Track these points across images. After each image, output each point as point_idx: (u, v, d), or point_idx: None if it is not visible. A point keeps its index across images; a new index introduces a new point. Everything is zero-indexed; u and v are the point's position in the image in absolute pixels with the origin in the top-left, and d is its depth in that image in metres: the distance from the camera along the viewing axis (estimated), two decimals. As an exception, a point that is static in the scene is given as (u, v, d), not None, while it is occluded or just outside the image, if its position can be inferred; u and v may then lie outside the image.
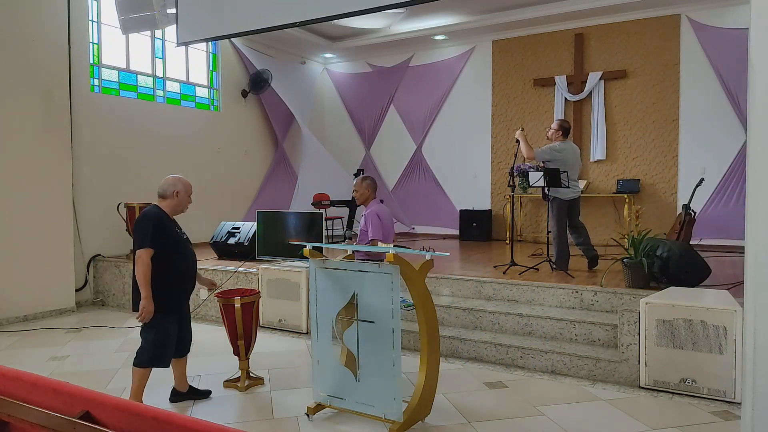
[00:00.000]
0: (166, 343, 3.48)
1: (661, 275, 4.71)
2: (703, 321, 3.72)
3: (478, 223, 9.10)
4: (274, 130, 9.73)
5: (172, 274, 3.46)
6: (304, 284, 5.34)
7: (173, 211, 3.56)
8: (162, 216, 3.48)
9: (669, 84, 8.05)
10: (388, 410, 3.18)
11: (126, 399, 1.51)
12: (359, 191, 4.22)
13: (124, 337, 5.42)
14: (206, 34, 5.98)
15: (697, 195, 6.70)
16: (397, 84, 10.19)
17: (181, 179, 3.59)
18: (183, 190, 3.55)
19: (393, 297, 3.14)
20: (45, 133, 6.21)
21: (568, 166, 5.56)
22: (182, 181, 3.58)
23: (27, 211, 6.05)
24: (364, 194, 4.21)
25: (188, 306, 3.77)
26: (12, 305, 5.91)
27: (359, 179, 4.23)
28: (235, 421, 3.48)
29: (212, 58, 8.83)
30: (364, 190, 4.22)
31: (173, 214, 3.57)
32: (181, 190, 3.54)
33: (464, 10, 8.50)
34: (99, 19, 7.19)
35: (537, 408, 3.61)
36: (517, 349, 4.42)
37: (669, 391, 3.83)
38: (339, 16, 5.00)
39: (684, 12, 7.88)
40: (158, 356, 3.47)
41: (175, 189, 3.53)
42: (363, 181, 4.22)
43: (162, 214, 3.49)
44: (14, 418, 1.49)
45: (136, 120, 7.49)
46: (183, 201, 3.57)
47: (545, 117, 8.87)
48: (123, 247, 7.10)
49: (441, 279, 5.35)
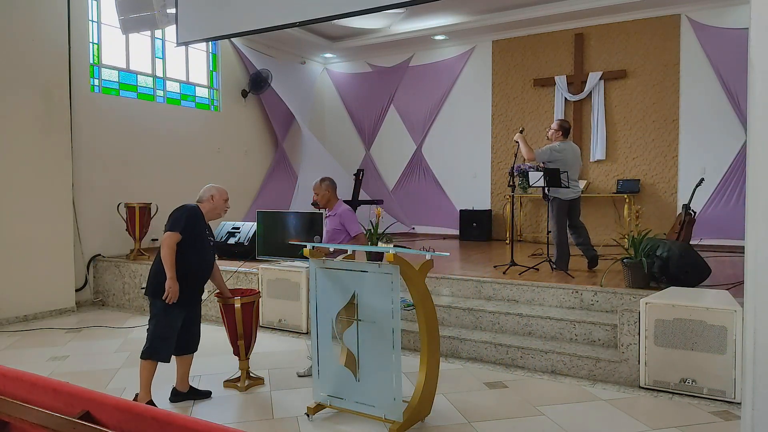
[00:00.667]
0: (166, 337, 3.51)
1: (661, 275, 4.71)
2: (703, 321, 3.72)
3: (478, 223, 9.10)
4: (274, 130, 9.73)
5: (185, 269, 3.51)
6: (304, 284, 5.34)
7: (209, 215, 3.75)
8: (198, 213, 3.67)
9: (669, 84, 8.05)
10: (388, 410, 3.18)
11: (126, 399, 1.51)
12: (319, 194, 4.09)
13: (124, 337, 5.42)
14: (206, 34, 5.98)
15: (697, 195, 6.70)
16: (397, 84, 10.19)
17: (216, 186, 3.82)
18: (218, 195, 3.76)
19: (393, 297, 3.14)
20: (45, 133, 6.22)
21: (568, 166, 5.56)
22: (217, 188, 3.81)
23: (27, 211, 6.05)
24: (325, 196, 4.08)
25: (200, 306, 3.81)
26: (12, 305, 5.91)
27: (317, 182, 4.10)
28: (235, 421, 3.48)
29: (212, 58, 8.83)
30: (324, 191, 4.08)
31: (209, 219, 3.76)
32: (216, 194, 3.76)
33: (464, 10, 8.50)
34: (99, 19, 7.19)
35: (537, 408, 3.61)
36: (517, 349, 4.42)
37: (669, 391, 3.83)
38: (339, 16, 5.00)
39: (684, 12, 7.88)
40: (156, 348, 3.50)
41: (211, 193, 3.75)
42: (322, 182, 4.09)
43: (199, 212, 3.68)
44: (14, 418, 1.49)
45: (136, 120, 7.49)
46: (219, 205, 3.76)
47: (545, 117, 8.87)
48: (123, 247, 7.10)
49: (441, 279, 5.35)
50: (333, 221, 4.06)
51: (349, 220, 4.07)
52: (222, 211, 3.81)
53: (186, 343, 3.70)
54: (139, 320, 6.03)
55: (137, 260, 6.68)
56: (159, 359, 3.51)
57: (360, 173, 9.05)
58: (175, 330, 3.56)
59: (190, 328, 3.68)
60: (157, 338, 3.50)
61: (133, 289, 6.60)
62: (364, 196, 9.45)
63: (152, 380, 3.54)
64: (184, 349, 3.70)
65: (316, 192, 4.10)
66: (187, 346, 3.72)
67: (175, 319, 3.55)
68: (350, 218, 4.09)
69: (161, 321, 3.51)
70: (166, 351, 3.53)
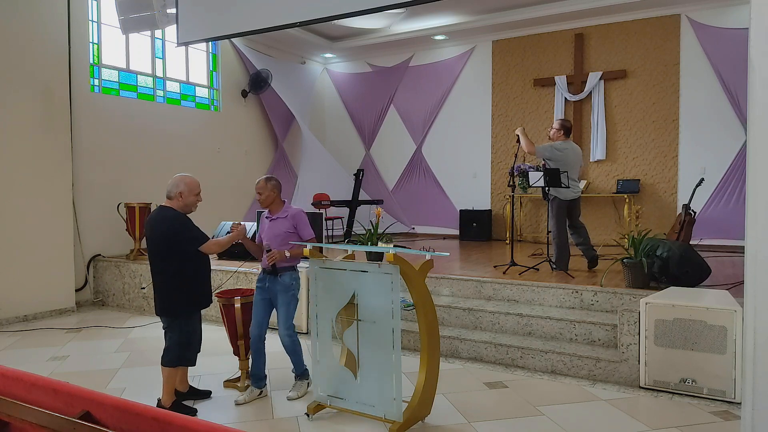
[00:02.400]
0: (190, 343, 3.57)
1: (661, 275, 4.71)
2: (703, 321, 3.72)
3: (478, 223, 9.10)
4: (274, 130, 9.73)
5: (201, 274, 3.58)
6: (304, 284, 5.34)
7: (183, 212, 3.51)
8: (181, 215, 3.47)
9: (669, 84, 8.05)
10: (388, 410, 3.18)
11: (126, 399, 1.51)
12: (264, 194, 3.76)
13: (124, 337, 5.42)
14: (206, 34, 5.98)
15: (697, 195, 6.70)
16: (397, 84, 10.19)
17: (185, 178, 3.51)
18: (187, 190, 3.47)
19: (393, 297, 3.14)
20: (45, 133, 6.22)
21: (568, 166, 5.56)
22: (185, 181, 3.49)
23: (27, 212, 6.05)
24: (270, 197, 3.78)
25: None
26: (12, 305, 5.91)
27: (263, 181, 3.79)
28: (235, 421, 3.48)
29: (212, 58, 8.83)
30: (270, 192, 3.77)
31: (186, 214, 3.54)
32: (184, 190, 3.46)
33: (464, 10, 8.50)
34: (99, 19, 7.19)
35: (537, 408, 3.61)
36: (517, 349, 4.42)
37: (669, 391, 3.83)
38: (339, 17, 5.00)
39: (684, 12, 7.88)
40: (183, 356, 3.56)
41: (179, 189, 3.46)
42: (268, 182, 3.78)
43: (179, 214, 3.47)
44: (14, 418, 1.49)
45: (136, 120, 7.49)
46: (189, 202, 3.50)
47: (545, 117, 8.87)
48: (123, 247, 7.10)
49: (441, 279, 5.35)
50: (284, 224, 3.76)
51: (304, 223, 3.81)
52: (193, 206, 3.53)
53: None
54: (139, 320, 6.03)
55: (137, 260, 6.68)
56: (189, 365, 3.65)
57: (360, 173, 9.05)
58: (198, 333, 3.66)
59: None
60: (183, 346, 3.55)
61: (133, 289, 6.60)
62: (364, 196, 9.46)
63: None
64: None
65: (260, 191, 3.76)
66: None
67: (196, 324, 3.65)
68: (305, 221, 3.83)
69: (183, 330, 3.54)
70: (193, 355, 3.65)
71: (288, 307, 3.74)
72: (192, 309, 3.59)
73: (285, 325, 3.74)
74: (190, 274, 3.51)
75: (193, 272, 3.53)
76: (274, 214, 3.81)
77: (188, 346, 3.57)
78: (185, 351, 3.56)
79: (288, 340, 3.76)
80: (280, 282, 3.72)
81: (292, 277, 3.78)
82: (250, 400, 3.76)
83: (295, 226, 3.76)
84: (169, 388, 3.55)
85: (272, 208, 3.82)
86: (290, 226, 3.75)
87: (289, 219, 3.76)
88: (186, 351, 3.56)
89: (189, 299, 3.54)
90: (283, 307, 3.73)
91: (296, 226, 3.77)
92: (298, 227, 3.78)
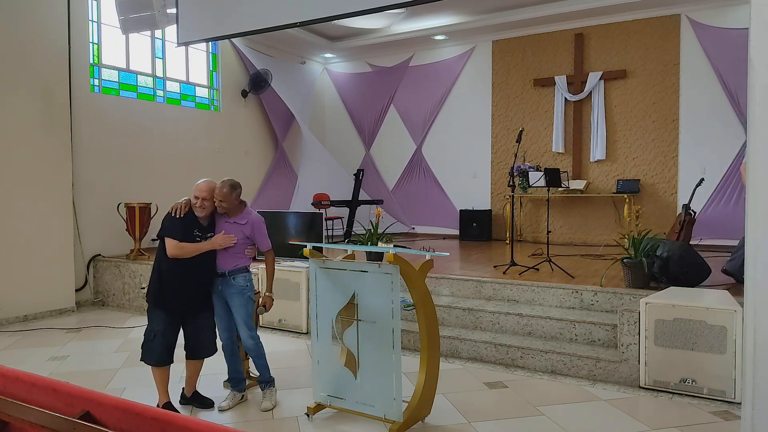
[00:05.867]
0: (150, 340, 3.48)
1: (661, 275, 4.71)
2: (703, 321, 3.72)
3: (478, 223, 9.10)
4: (274, 130, 9.73)
5: (167, 270, 3.47)
6: (304, 284, 5.35)
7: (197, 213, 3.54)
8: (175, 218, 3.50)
9: (669, 84, 8.05)
10: (388, 410, 3.18)
11: (126, 399, 1.51)
12: (226, 201, 3.51)
13: (124, 337, 5.42)
14: (206, 34, 5.98)
15: (697, 195, 6.70)
16: (397, 84, 10.19)
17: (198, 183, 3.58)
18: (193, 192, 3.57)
19: (393, 297, 3.14)
20: (45, 133, 6.22)
21: None
22: (196, 185, 3.58)
23: (27, 211, 6.05)
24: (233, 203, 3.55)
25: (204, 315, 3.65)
26: (12, 305, 5.91)
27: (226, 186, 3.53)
28: (235, 421, 3.48)
29: (212, 58, 8.83)
30: (233, 200, 3.55)
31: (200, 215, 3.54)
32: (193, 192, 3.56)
33: (464, 10, 8.50)
34: (99, 19, 7.19)
35: (537, 408, 3.61)
36: (517, 349, 4.42)
37: (669, 391, 3.83)
38: (339, 17, 5.00)
39: (684, 12, 7.88)
40: (143, 351, 3.51)
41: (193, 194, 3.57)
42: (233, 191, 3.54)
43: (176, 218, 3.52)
44: (14, 418, 1.49)
45: (136, 120, 7.49)
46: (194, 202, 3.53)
47: (545, 117, 8.87)
48: (123, 247, 7.10)
49: (441, 279, 5.35)
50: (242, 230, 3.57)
51: (263, 234, 3.64)
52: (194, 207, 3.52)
53: (192, 348, 3.63)
54: (139, 320, 6.03)
55: (137, 260, 6.68)
56: (147, 362, 3.51)
57: (360, 173, 9.05)
58: (157, 333, 3.45)
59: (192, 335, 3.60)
60: (144, 341, 3.51)
61: (133, 289, 6.60)
62: (364, 196, 9.46)
63: (167, 383, 3.54)
64: (189, 354, 3.65)
65: (222, 199, 3.49)
66: (193, 352, 3.64)
67: (154, 322, 3.48)
68: (264, 233, 3.65)
69: (148, 325, 3.53)
70: (153, 353, 3.47)
71: (246, 309, 3.59)
72: (153, 304, 3.50)
73: (246, 326, 3.58)
74: (165, 268, 3.48)
75: (168, 269, 3.47)
76: (232, 217, 3.62)
77: (148, 342, 3.48)
78: (145, 345, 3.49)
79: (251, 343, 3.60)
80: (234, 284, 3.57)
81: (246, 278, 3.63)
82: (233, 405, 3.68)
83: (253, 233, 3.60)
84: (159, 387, 3.51)
85: (234, 213, 3.63)
86: (251, 232, 3.59)
87: (248, 226, 3.59)
88: (145, 346, 3.49)
89: (155, 293, 3.50)
90: (240, 309, 3.58)
91: (254, 235, 3.61)
92: (256, 238, 3.62)
